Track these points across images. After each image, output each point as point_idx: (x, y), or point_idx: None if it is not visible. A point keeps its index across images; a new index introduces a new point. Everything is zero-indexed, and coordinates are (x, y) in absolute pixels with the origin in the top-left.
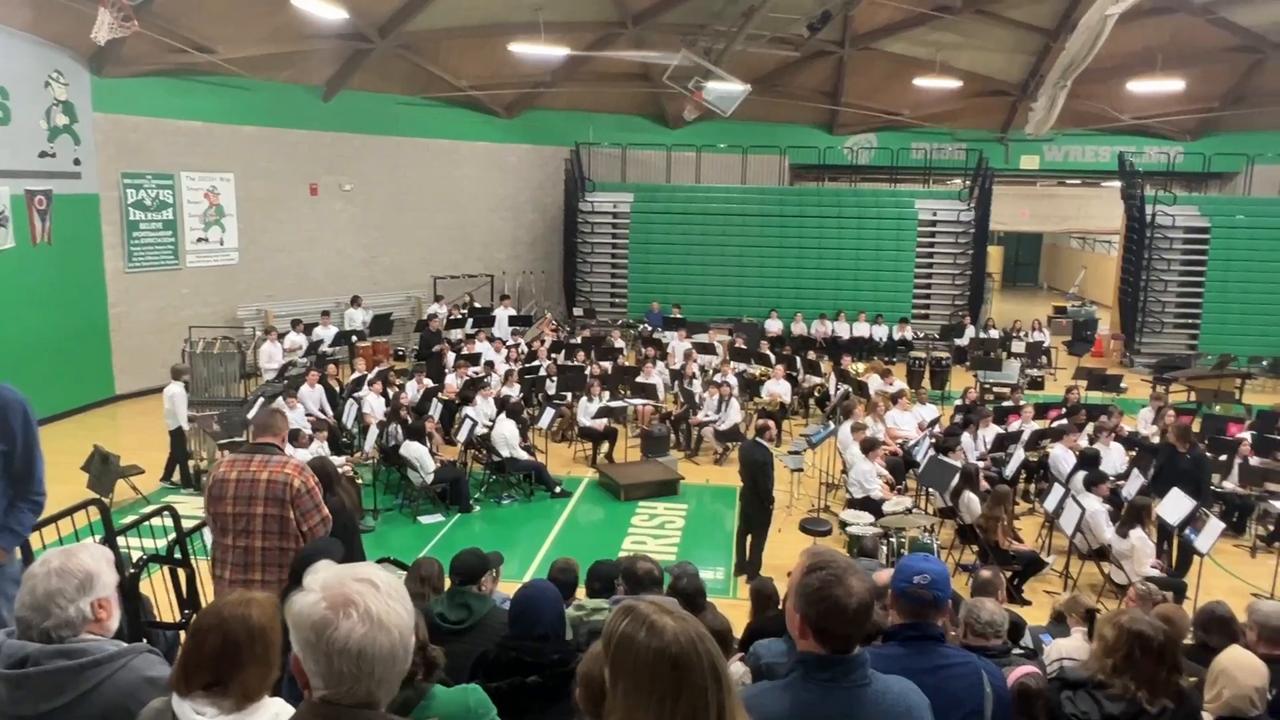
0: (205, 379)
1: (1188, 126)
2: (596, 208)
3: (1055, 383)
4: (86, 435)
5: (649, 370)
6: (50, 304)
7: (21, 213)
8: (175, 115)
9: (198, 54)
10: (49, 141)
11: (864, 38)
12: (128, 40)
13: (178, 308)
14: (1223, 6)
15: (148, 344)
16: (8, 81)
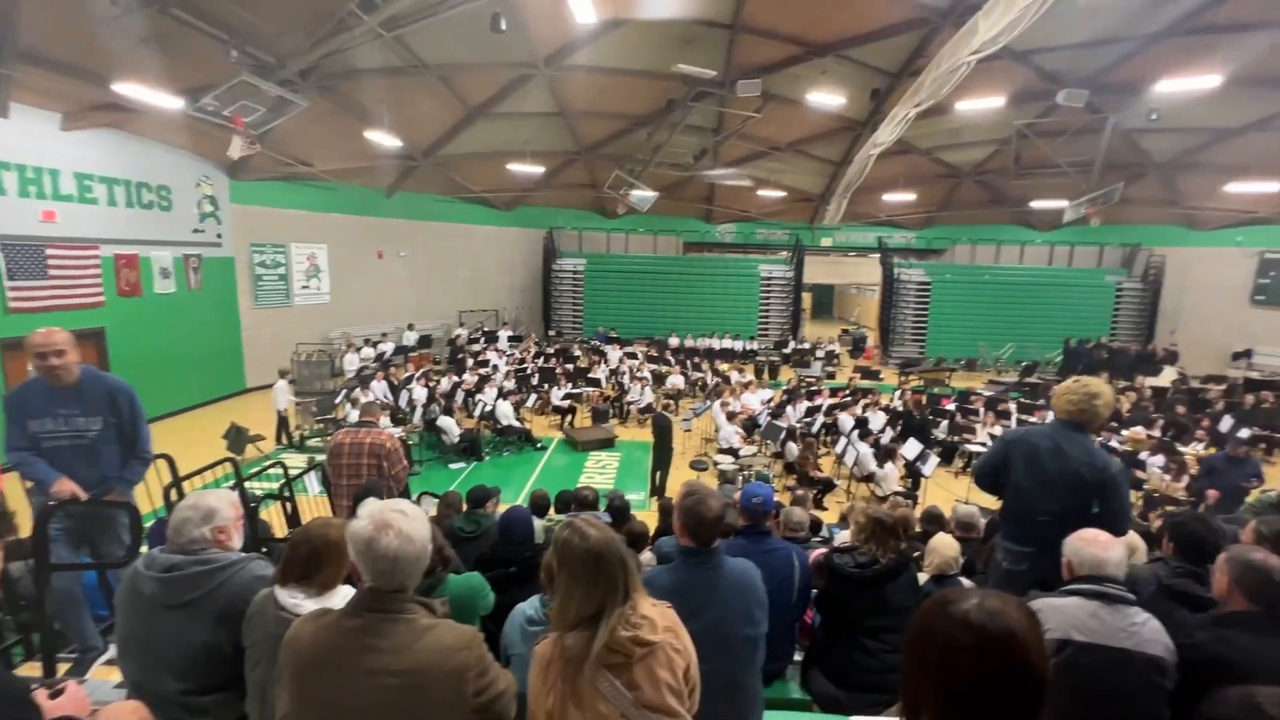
0: (306, 378)
1: (917, 221)
2: (564, 268)
3: (842, 375)
4: (225, 415)
5: (596, 369)
6: (200, 327)
7: (180, 269)
8: (287, 205)
9: (301, 166)
10: (199, 222)
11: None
12: (253, 156)
13: (288, 330)
14: (937, 150)
15: (268, 354)
16: (170, 182)
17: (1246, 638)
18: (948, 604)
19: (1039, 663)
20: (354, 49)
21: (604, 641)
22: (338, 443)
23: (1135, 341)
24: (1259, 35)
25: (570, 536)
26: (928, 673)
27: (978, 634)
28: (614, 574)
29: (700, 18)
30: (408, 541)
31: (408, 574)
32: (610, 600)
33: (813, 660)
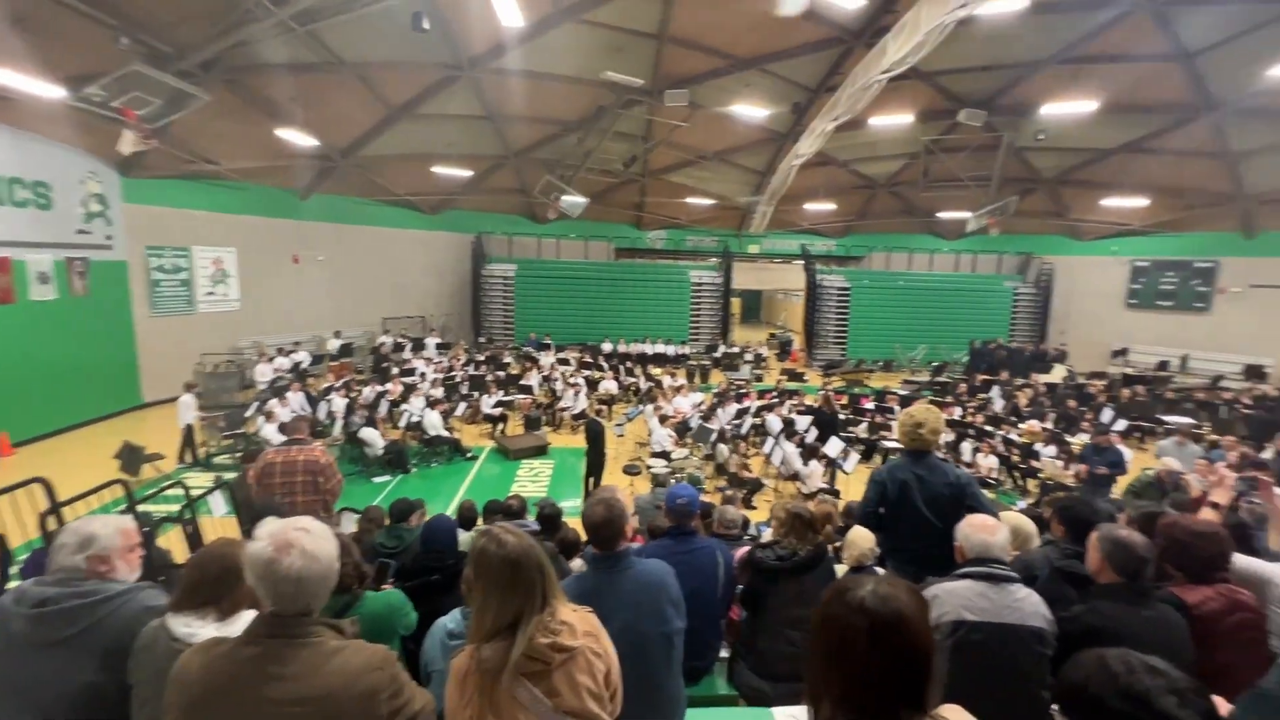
0: (213, 390)
1: (837, 230)
2: (493, 274)
3: (769, 377)
4: (119, 433)
5: (528, 376)
6: (87, 338)
7: (63, 274)
8: (189, 206)
9: (205, 164)
10: (85, 222)
11: (656, 172)
12: (149, 153)
13: (192, 340)
14: (854, 163)
15: (168, 366)
16: (50, 178)
17: (1115, 607)
18: (844, 592)
19: (926, 642)
20: (263, 42)
21: (522, 649)
22: (269, 462)
23: (1030, 341)
24: (1126, 67)
25: (487, 545)
26: (828, 658)
27: (871, 618)
28: (531, 581)
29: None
30: (312, 561)
31: (313, 595)
32: (528, 607)
33: (738, 655)
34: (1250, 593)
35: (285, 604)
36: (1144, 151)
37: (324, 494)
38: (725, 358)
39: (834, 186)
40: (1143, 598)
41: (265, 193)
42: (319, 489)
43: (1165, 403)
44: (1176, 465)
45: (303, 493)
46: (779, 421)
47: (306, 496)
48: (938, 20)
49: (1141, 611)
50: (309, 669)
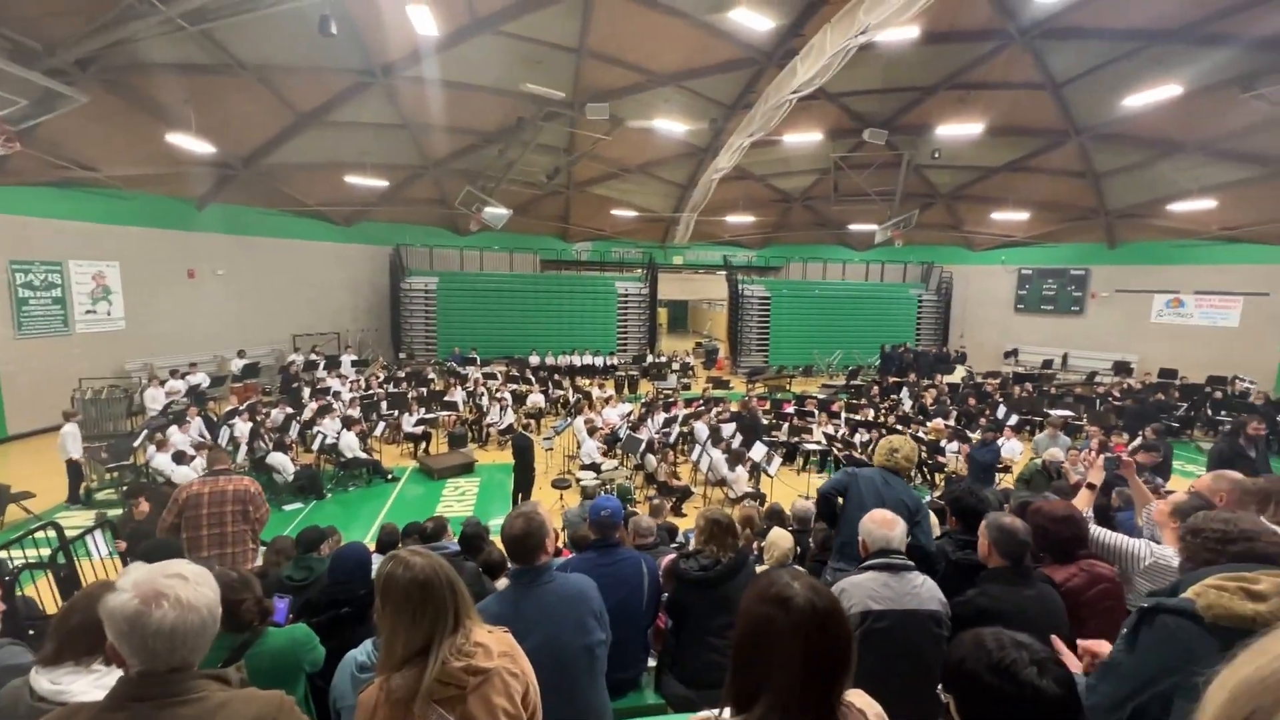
0: (95, 418)
1: (757, 241)
2: (413, 287)
3: (696, 385)
4: None
5: (452, 392)
6: None
7: None
8: (62, 216)
9: (81, 170)
10: None
11: (581, 184)
12: (11, 157)
13: (68, 364)
14: (770, 177)
15: (40, 394)
16: None
17: (1002, 589)
18: (770, 589)
19: (849, 633)
20: (148, 40)
21: (434, 674)
22: (195, 493)
23: (934, 344)
24: (1005, 93)
25: (393, 569)
26: (758, 656)
27: (803, 614)
28: (442, 601)
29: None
30: (189, 611)
31: (191, 649)
32: (439, 629)
33: (665, 665)
34: (1110, 566)
35: (157, 661)
36: (1024, 170)
37: (253, 523)
38: (653, 367)
39: (752, 200)
40: (1025, 579)
41: (155, 202)
42: (248, 518)
43: (1050, 398)
44: (1060, 455)
45: (233, 523)
46: (706, 429)
47: (237, 526)
48: (841, 45)
49: (1025, 591)
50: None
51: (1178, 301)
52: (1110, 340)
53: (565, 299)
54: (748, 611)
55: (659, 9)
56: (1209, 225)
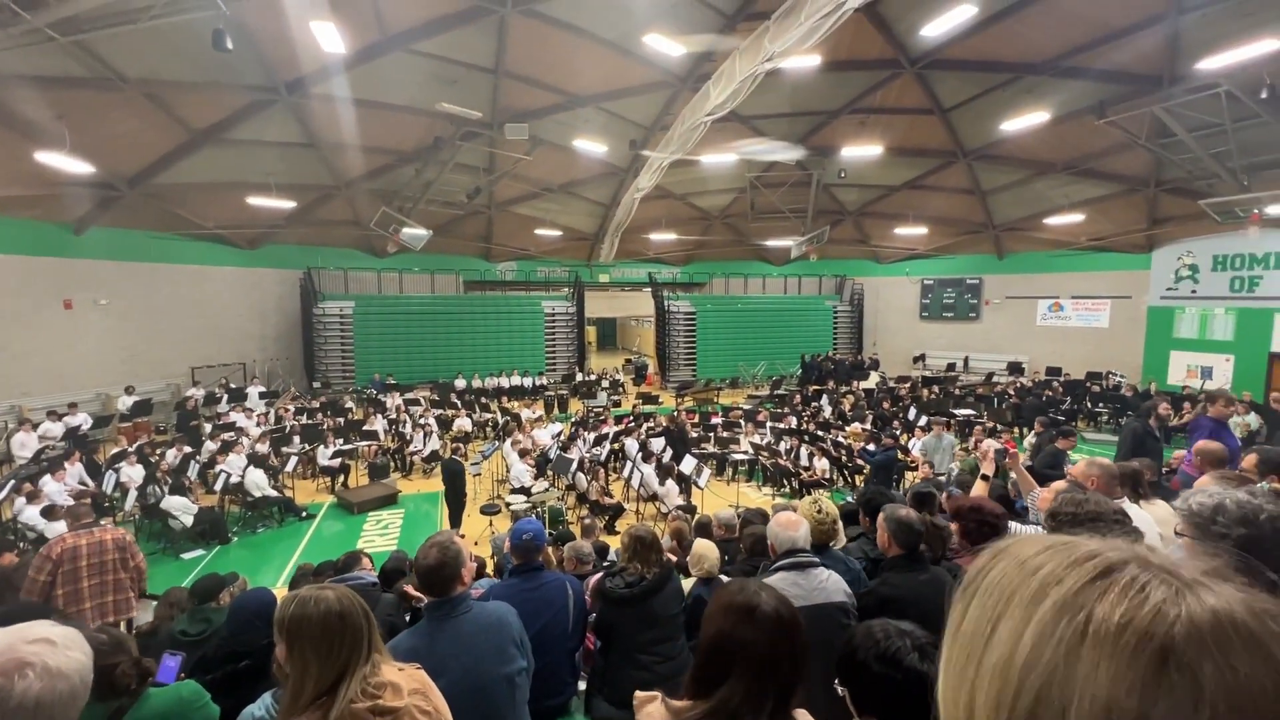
0: None
1: (680, 258)
2: (327, 312)
3: (627, 402)
4: None
5: (373, 421)
6: None
7: None
8: None
9: None
10: None
11: (503, 204)
12: None
13: None
14: (690, 196)
15: None
16: None
17: (900, 576)
18: (736, 597)
19: (807, 641)
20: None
21: (341, 709)
22: (71, 546)
23: (850, 353)
24: (899, 118)
25: (301, 608)
26: (724, 661)
27: (771, 622)
28: (358, 631)
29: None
30: (57, 679)
31: (58, 719)
32: (354, 662)
33: (594, 687)
34: None
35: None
36: (922, 188)
37: (132, 571)
38: (583, 386)
39: (674, 218)
40: (920, 565)
41: (23, 226)
42: (128, 566)
43: (954, 398)
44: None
45: (114, 571)
46: (636, 445)
47: (118, 574)
48: (749, 70)
49: (920, 576)
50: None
51: (1058, 305)
52: (1003, 343)
53: (490, 319)
54: (714, 618)
55: (573, 32)
56: (1079, 236)
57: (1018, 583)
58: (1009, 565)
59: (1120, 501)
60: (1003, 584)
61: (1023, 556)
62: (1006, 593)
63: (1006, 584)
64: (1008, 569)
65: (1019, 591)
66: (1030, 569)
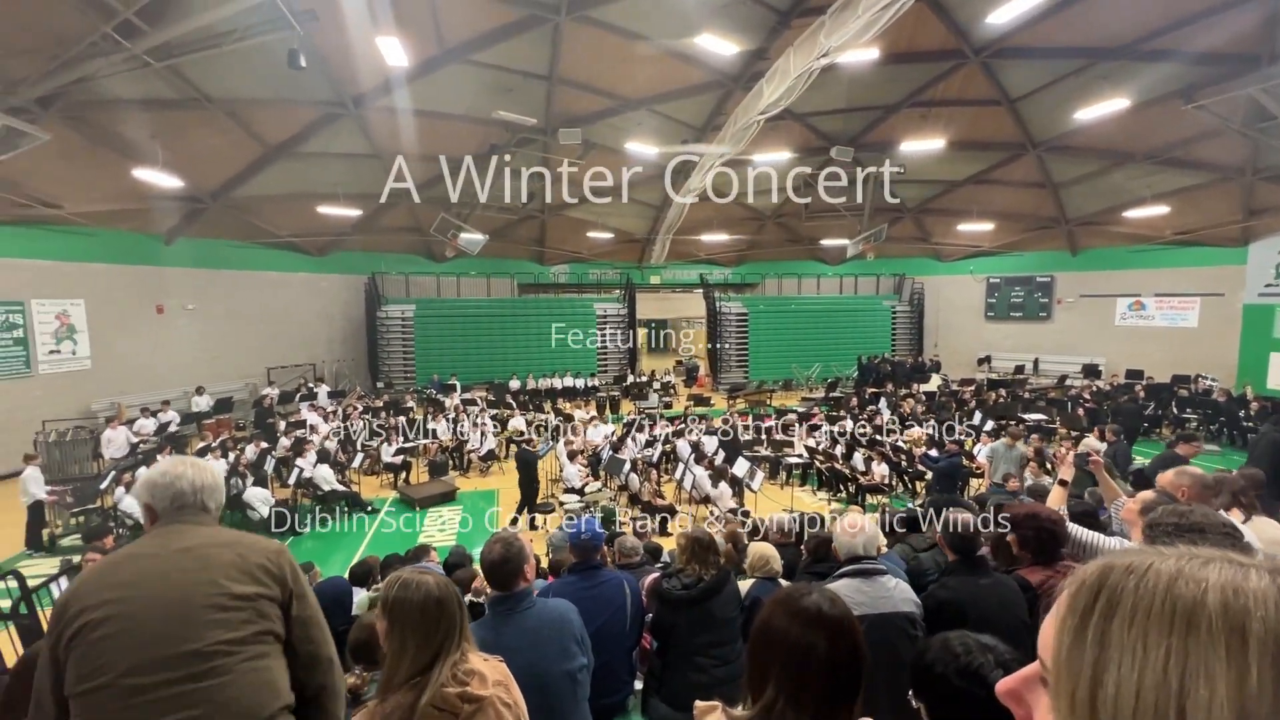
0: (59, 461)
1: (732, 259)
2: (390, 315)
3: (678, 404)
4: None
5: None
6: None
7: None
8: (24, 255)
9: (44, 208)
10: None
11: (555, 208)
12: None
13: (30, 406)
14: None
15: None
16: None
17: (958, 580)
18: (795, 603)
19: (866, 649)
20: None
21: (430, 698)
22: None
23: (909, 354)
24: (964, 110)
25: (404, 591)
26: (778, 667)
27: (830, 626)
28: (453, 617)
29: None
30: (205, 472)
31: (209, 496)
32: (447, 646)
33: (651, 688)
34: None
35: (182, 503)
36: (987, 182)
37: None
38: (634, 387)
39: (726, 218)
40: (979, 569)
41: (120, 238)
42: None
43: (1023, 402)
44: (1097, 445)
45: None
46: (688, 447)
47: None
48: (804, 67)
49: (979, 581)
50: None
51: (1139, 304)
52: (1077, 344)
53: (544, 322)
54: (770, 623)
55: (626, 36)
56: (1163, 230)
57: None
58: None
59: (1225, 514)
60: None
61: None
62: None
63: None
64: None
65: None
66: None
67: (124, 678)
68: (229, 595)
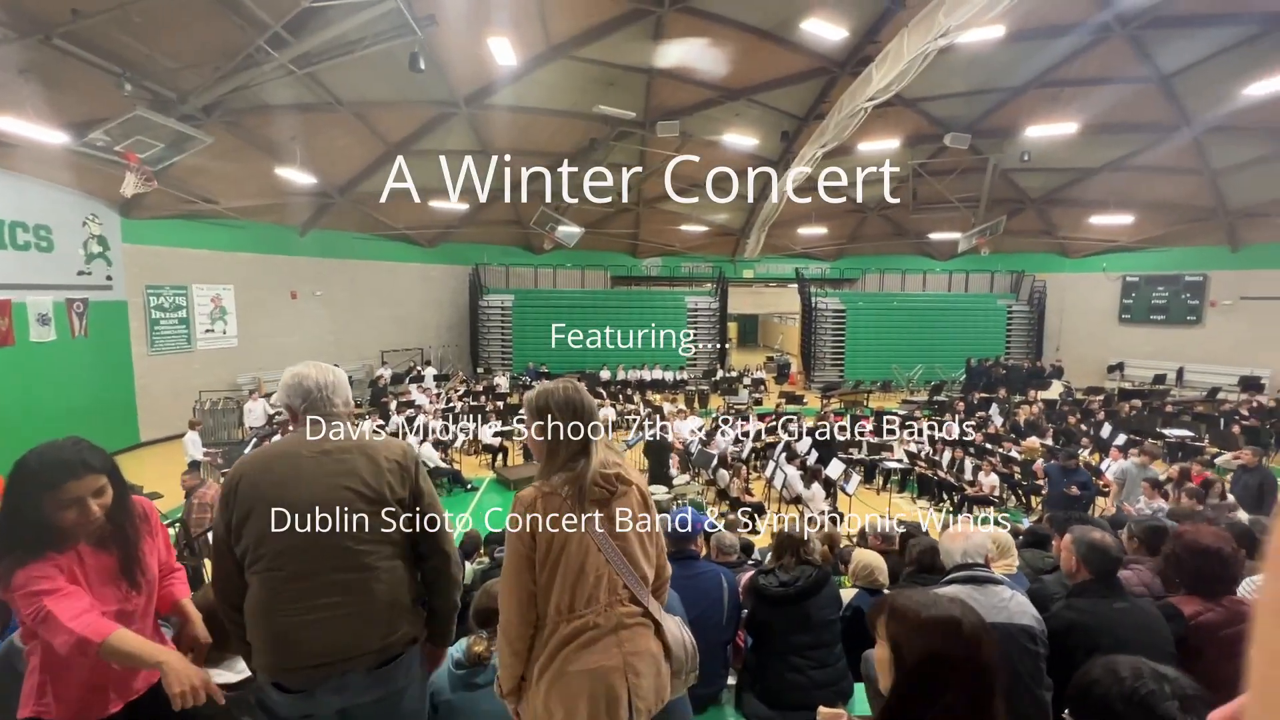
0: (212, 427)
1: (830, 253)
2: (490, 304)
3: (768, 400)
4: None
5: None
6: (87, 377)
7: (62, 315)
8: (188, 245)
9: (204, 204)
10: (86, 264)
11: (650, 201)
12: (149, 194)
13: (190, 377)
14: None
15: (166, 404)
16: (51, 220)
17: (1090, 602)
18: (928, 612)
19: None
20: (262, 85)
21: (595, 466)
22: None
23: (1026, 358)
24: (1105, 89)
25: (544, 390)
26: (931, 682)
27: (976, 638)
28: (593, 409)
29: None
30: (329, 373)
31: (335, 389)
32: (593, 433)
33: (745, 684)
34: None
35: (316, 401)
36: (1127, 169)
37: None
38: (724, 382)
39: (825, 211)
40: (1114, 592)
41: (263, 230)
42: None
43: (1164, 415)
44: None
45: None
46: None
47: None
48: (919, 49)
49: (1114, 604)
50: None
51: None
52: (1234, 353)
53: (635, 314)
54: (910, 637)
55: (729, 24)
56: None
57: None
58: None
59: None
60: None
61: None
62: None
63: None
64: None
65: None
66: None
67: (288, 563)
68: (367, 498)
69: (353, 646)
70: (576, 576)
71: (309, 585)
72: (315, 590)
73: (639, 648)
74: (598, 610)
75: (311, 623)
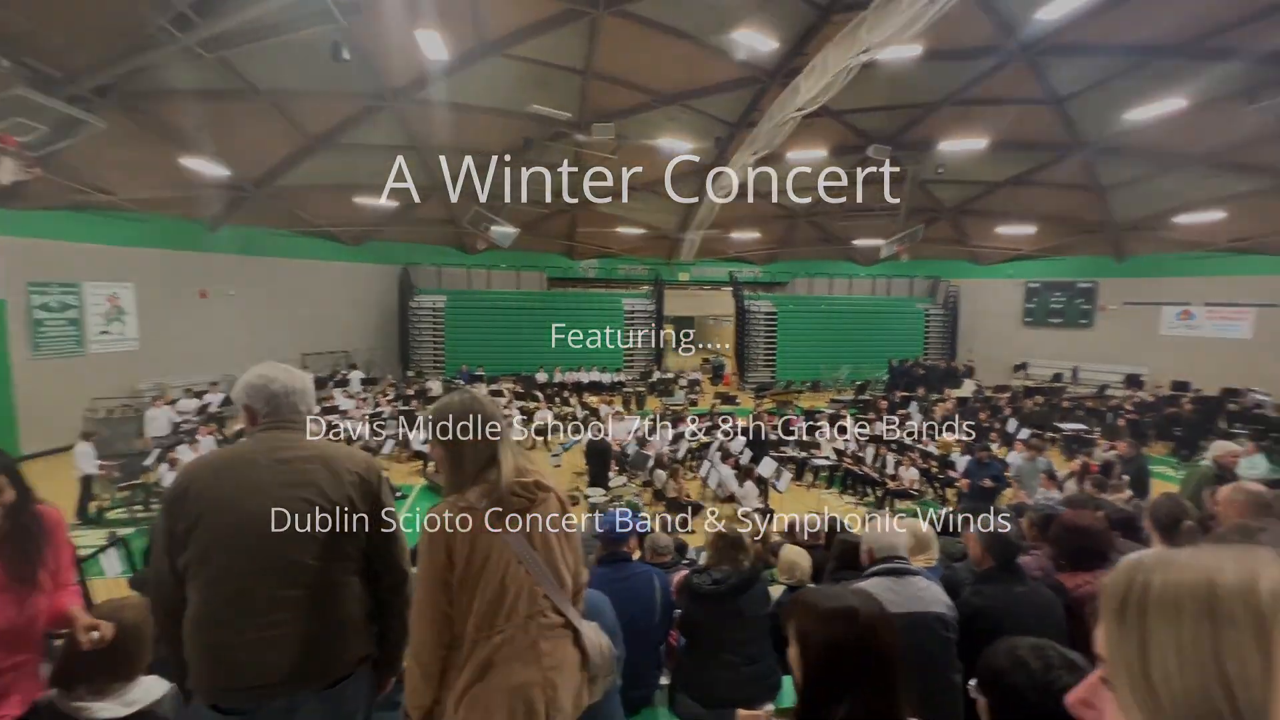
0: (108, 438)
1: (762, 257)
2: (422, 305)
3: (704, 401)
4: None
5: None
6: None
7: None
8: (79, 239)
9: (97, 194)
10: None
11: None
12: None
13: (81, 384)
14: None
15: (53, 412)
16: None
17: (994, 588)
18: (826, 604)
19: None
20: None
21: (509, 475)
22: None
23: (942, 359)
24: (1009, 109)
25: (441, 406)
26: (834, 672)
27: (874, 625)
28: (497, 414)
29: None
30: (296, 378)
31: (300, 395)
32: (504, 437)
33: (678, 683)
34: None
35: (278, 409)
36: (1029, 184)
37: None
38: (660, 383)
39: (757, 216)
40: (1015, 577)
41: (168, 224)
42: None
43: (1061, 411)
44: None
45: None
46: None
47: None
48: (843, 63)
49: (1015, 589)
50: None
51: (1187, 314)
52: (1120, 353)
53: (573, 316)
54: (812, 629)
55: (662, 30)
56: (1218, 237)
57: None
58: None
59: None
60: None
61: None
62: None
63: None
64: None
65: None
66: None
67: (236, 576)
68: (324, 510)
69: (302, 666)
70: (497, 593)
71: (257, 601)
72: (264, 606)
73: (558, 660)
74: (517, 624)
75: (257, 641)
